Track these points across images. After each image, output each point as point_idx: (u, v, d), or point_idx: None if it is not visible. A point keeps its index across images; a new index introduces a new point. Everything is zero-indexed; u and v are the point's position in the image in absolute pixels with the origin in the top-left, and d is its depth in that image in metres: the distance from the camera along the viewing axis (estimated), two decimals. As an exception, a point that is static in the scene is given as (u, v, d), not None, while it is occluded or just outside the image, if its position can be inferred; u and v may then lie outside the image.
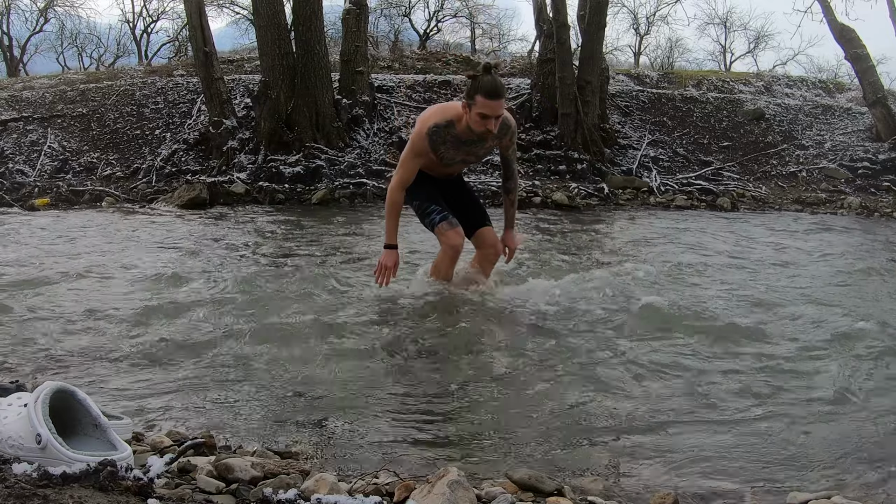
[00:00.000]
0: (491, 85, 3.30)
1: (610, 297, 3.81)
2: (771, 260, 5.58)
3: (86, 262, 4.91)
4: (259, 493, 1.61)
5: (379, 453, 2.09)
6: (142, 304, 3.67)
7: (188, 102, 12.20)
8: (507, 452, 2.14)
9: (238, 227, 7.16)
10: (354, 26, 11.64)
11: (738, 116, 13.06)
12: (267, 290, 3.93)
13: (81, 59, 26.58)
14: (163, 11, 26.22)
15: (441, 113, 3.54)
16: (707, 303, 3.85)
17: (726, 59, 28.37)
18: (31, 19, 24.50)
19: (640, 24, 27.22)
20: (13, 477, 1.44)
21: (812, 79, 17.87)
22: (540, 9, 12.09)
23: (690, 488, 1.93)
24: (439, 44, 24.85)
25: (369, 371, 2.82)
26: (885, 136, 11.91)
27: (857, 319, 3.58)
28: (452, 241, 3.69)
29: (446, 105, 3.65)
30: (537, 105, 11.73)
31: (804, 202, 10.29)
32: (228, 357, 2.92)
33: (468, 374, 2.80)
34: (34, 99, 12.29)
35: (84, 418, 1.68)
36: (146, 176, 10.44)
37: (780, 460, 2.10)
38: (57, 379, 2.14)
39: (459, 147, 3.57)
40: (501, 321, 3.46)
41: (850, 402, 2.54)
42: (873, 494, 1.91)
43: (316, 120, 10.59)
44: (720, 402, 2.53)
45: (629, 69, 18.71)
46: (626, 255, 5.71)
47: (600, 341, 3.17)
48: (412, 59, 17.15)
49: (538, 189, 9.99)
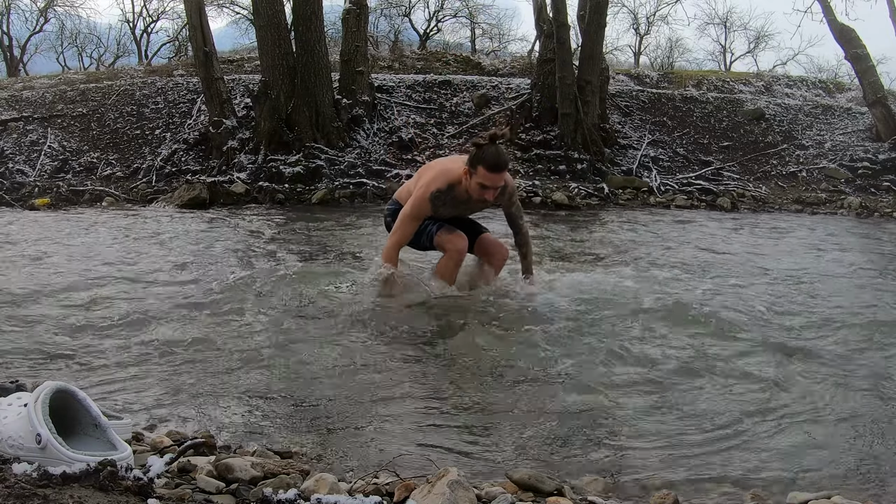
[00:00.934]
0: (494, 158, 3.35)
1: (610, 297, 3.81)
2: (772, 260, 5.58)
3: (86, 263, 4.91)
4: (259, 493, 1.61)
5: (379, 453, 2.09)
6: (141, 304, 3.67)
7: (188, 102, 12.20)
8: (507, 452, 2.14)
9: (238, 227, 7.16)
10: (354, 26, 11.64)
11: (738, 116, 13.06)
12: (267, 291, 3.93)
13: (81, 59, 26.62)
14: (163, 11, 26.26)
15: (444, 177, 3.54)
16: (707, 303, 3.85)
17: (726, 59, 28.40)
18: (31, 19, 24.52)
19: (640, 24, 27.24)
20: (13, 477, 1.44)
21: (812, 79, 17.89)
22: (540, 9, 12.08)
23: (690, 488, 1.93)
24: (439, 44, 24.85)
25: (369, 371, 2.82)
26: (885, 136, 11.91)
27: (857, 320, 3.59)
28: (457, 244, 3.67)
29: (449, 167, 3.61)
30: (537, 105, 11.73)
31: (804, 202, 10.29)
32: (228, 357, 2.92)
33: (468, 374, 2.80)
34: (34, 99, 12.29)
35: (84, 418, 1.68)
36: (146, 176, 10.44)
37: (780, 460, 2.10)
38: (57, 379, 2.14)
39: (457, 206, 3.61)
40: (501, 322, 3.45)
41: (850, 401, 2.54)
42: (873, 494, 1.91)
43: (316, 120, 10.59)
44: (720, 402, 2.53)
45: (629, 69, 18.72)
46: (627, 256, 5.70)
47: (600, 342, 3.17)
48: (412, 59, 17.16)
49: (538, 189, 9.98)
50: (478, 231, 3.88)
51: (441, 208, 3.59)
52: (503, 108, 12.42)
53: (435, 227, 3.68)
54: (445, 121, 12.24)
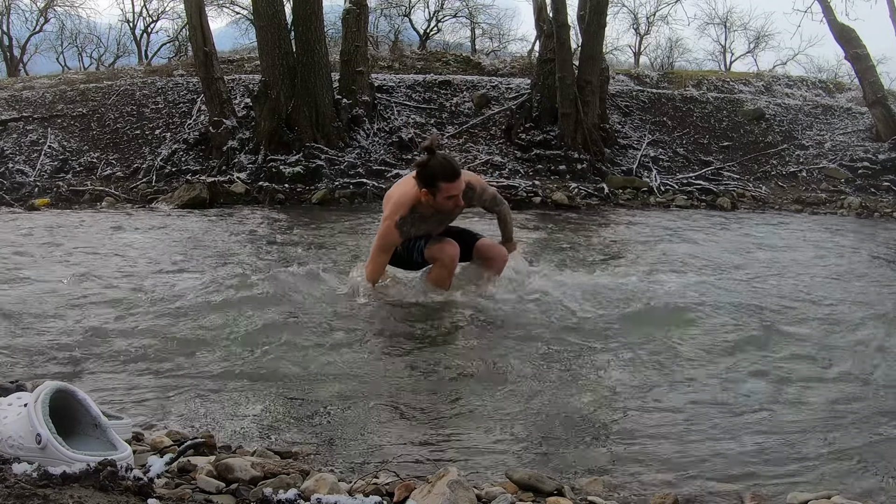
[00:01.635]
0: (446, 168, 3.41)
1: (610, 297, 3.81)
2: (772, 260, 5.58)
3: (86, 263, 4.91)
4: (259, 493, 1.61)
5: (379, 453, 2.09)
6: (141, 304, 3.67)
7: (188, 102, 12.20)
8: (507, 452, 2.14)
9: (238, 228, 7.16)
10: (354, 26, 11.64)
11: (738, 116, 13.05)
12: (266, 291, 3.92)
13: (81, 59, 26.61)
14: (163, 11, 26.26)
15: (403, 202, 3.52)
16: (707, 303, 3.84)
17: (726, 59, 28.38)
18: (31, 19, 24.51)
19: (640, 24, 27.23)
20: (13, 477, 1.44)
21: (812, 79, 17.89)
22: (540, 9, 12.08)
23: (690, 488, 1.93)
24: (439, 44, 24.85)
25: (369, 371, 2.82)
26: (885, 136, 11.90)
27: (856, 320, 3.58)
28: (448, 251, 3.64)
29: (404, 191, 3.57)
30: (537, 105, 11.73)
31: (804, 202, 10.29)
32: (228, 357, 2.92)
33: (468, 374, 2.80)
34: (34, 99, 12.29)
35: (84, 418, 1.68)
36: (146, 176, 10.44)
37: (781, 460, 2.10)
38: (57, 379, 2.14)
39: (427, 222, 3.60)
40: (501, 322, 3.46)
41: (850, 402, 2.54)
42: (873, 495, 1.91)
43: (316, 120, 10.59)
44: (720, 402, 2.53)
45: (629, 69, 18.72)
46: (627, 256, 5.70)
47: (600, 342, 3.17)
48: (412, 59, 17.15)
49: (538, 189, 9.98)
50: (472, 239, 3.84)
51: (412, 230, 3.57)
52: (503, 108, 12.42)
53: (423, 241, 3.67)
54: (445, 121, 12.24)
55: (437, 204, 3.44)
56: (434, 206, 3.47)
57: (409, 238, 3.62)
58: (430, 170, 3.38)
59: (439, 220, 3.70)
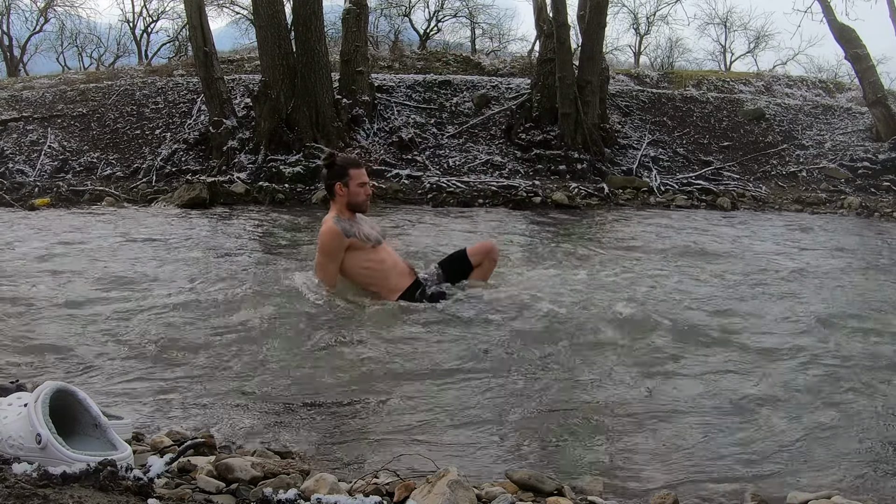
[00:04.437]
0: (351, 159, 3.90)
1: (611, 297, 3.81)
2: (772, 261, 5.58)
3: (85, 263, 4.90)
4: (259, 492, 1.61)
5: (379, 453, 2.09)
6: (141, 305, 3.66)
7: (188, 102, 12.20)
8: (507, 452, 2.14)
9: (238, 228, 7.15)
10: (354, 26, 11.64)
11: (738, 116, 13.05)
12: (267, 291, 3.92)
13: (81, 58, 26.61)
14: (163, 11, 26.28)
15: (330, 216, 3.70)
16: (707, 303, 3.85)
17: (726, 58, 28.38)
18: (31, 19, 24.52)
19: (640, 24, 27.23)
20: (13, 477, 1.44)
21: (812, 79, 17.88)
22: (540, 9, 12.09)
23: (690, 488, 1.93)
24: (439, 44, 24.84)
25: (369, 371, 2.82)
26: (885, 136, 11.90)
27: (856, 321, 3.58)
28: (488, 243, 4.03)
29: (327, 217, 3.74)
30: (537, 105, 11.73)
31: (804, 202, 10.29)
32: (228, 357, 2.92)
33: (468, 374, 2.80)
34: (34, 99, 12.29)
35: (84, 418, 1.68)
36: (146, 176, 10.44)
37: (781, 460, 2.10)
38: (57, 379, 2.14)
39: (362, 224, 3.73)
40: (500, 322, 3.45)
41: (850, 402, 2.54)
42: (873, 494, 1.91)
43: (316, 120, 10.58)
44: (720, 402, 2.53)
45: (629, 69, 18.72)
46: (627, 256, 5.70)
47: (601, 342, 3.17)
48: (412, 59, 17.16)
49: (538, 189, 9.98)
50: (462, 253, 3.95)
51: (354, 228, 3.66)
52: (503, 108, 12.42)
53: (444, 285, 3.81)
54: (445, 121, 12.23)
55: (352, 194, 3.67)
56: (350, 199, 3.67)
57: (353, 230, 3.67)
58: (339, 164, 3.73)
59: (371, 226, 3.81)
